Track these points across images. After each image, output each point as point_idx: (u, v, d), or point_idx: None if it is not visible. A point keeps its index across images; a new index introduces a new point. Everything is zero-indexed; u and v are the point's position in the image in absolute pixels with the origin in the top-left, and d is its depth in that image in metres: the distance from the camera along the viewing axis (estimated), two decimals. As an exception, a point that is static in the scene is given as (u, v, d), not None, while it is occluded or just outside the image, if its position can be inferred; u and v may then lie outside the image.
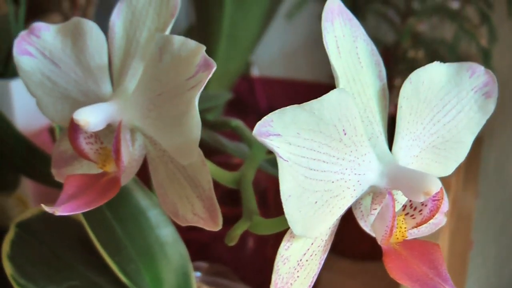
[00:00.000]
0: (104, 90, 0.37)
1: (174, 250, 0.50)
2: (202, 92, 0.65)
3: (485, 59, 0.91)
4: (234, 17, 0.77)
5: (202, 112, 0.66)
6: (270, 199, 0.65)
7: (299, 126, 0.28)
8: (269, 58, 1.09)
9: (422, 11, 0.96)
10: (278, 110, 0.28)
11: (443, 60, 0.33)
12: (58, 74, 0.37)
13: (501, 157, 1.12)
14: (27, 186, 0.76)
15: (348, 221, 0.83)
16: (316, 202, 0.29)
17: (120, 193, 0.49)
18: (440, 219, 0.38)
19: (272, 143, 0.28)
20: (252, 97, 0.93)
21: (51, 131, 0.68)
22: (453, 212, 0.89)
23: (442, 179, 0.84)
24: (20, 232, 0.50)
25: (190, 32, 0.90)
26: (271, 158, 0.44)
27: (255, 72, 0.98)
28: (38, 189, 0.77)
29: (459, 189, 0.95)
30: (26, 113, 0.79)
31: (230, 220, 0.60)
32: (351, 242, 0.87)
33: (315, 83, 0.95)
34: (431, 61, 0.33)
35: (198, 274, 0.60)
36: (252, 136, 0.47)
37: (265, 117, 0.28)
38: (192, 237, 0.63)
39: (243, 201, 0.38)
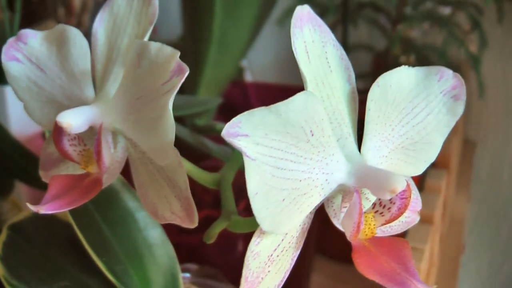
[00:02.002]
0: (87, 95, 0.38)
1: (162, 251, 0.51)
2: (192, 97, 0.67)
3: (475, 65, 0.92)
4: (224, 24, 0.78)
5: (191, 116, 0.67)
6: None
7: (266, 127, 0.29)
8: (262, 64, 1.10)
9: (413, 17, 0.98)
10: (247, 111, 0.29)
11: (434, 65, 0.35)
12: (44, 80, 0.39)
13: (494, 163, 1.12)
14: (21, 191, 0.77)
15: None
16: (283, 199, 0.31)
17: (108, 195, 0.51)
18: (413, 218, 0.39)
19: (240, 143, 0.29)
20: (245, 103, 0.94)
21: (44, 136, 0.70)
22: (445, 217, 0.90)
23: (432, 184, 0.84)
24: (12, 234, 0.51)
25: (185, 39, 0.91)
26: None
27: (248, 77, 1.00)
28: (31, 193, 0.78)
29: (451, 194, 0.96)
30: (21, 119, 0.80)
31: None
32: (341, 245, 0.87)
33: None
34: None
35: (187, 275, 0.61)
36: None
37: (233, 119, 0.29)
38: (182, 241, 0.64)
39: (222, 201, 0.39)
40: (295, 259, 0.35)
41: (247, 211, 0.42)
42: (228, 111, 0.88)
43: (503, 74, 1.07)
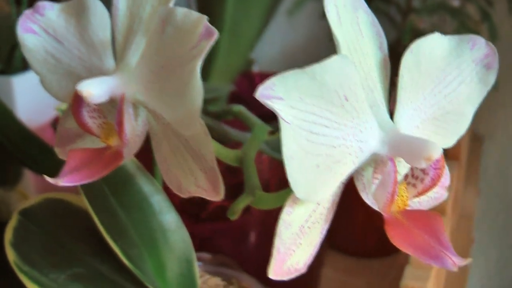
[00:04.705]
0: (107, 66, 0.37)
1: (177, 236, 0.50)
2: (204, 84, 0.66)
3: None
4: (236, 13, 0.77)
5: (204, 103, 0.66)
6: (272, 190, 0.65)
7: (301, 90, 0.29)
8: (270, 56, 1.09)
9: (423, 9, 0.97)
10: (280, 74, 0.28)
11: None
12: (62, 51, 0.38)
13: (502, 158, 1.11)
14: (28, 181, 0.77)
15: (350, 218, 0.83)
16: (318, 166, 0.30)
17: (123, 179, 0.50)
18: (441, 194, 0.38)
19: (274, 106, 0.28)
20: (252, 93, 0.93)
21: (53, 126, 0.69)
22: (454, 210, 0.89)
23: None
24: (23, 220, 0.50)
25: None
26: (271, 140, 0.45)
27: (255, 70, 0.99)
28: (40, 183, 0.77)
29: (460, 187, 0.95)
30: (28, 109, 0.79)
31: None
32: (353, 239, 0.87)
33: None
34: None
35: (200, 264, 0.60)
36: (254, 118, 0.48)
37: (267, 81, 0.28)
38: (194, 231, 0.63)
39: (245, 177, 0.38)
40: (324, 232, 0.34)
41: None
42: (236, 102, 0.88)
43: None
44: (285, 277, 0.32)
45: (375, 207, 0.33)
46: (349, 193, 0.34)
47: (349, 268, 0.85)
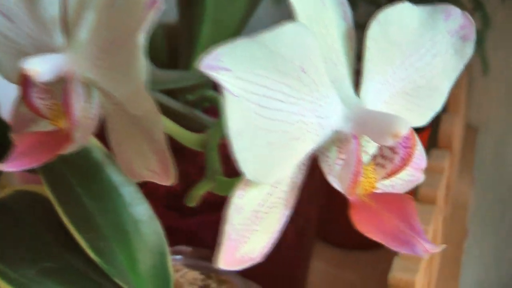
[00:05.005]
0: (58, 44, 0.36)
1: (149, 228, 0.48)
2: (183, 72, 0.64)
3: (479, 43, 0.89)
4: (219, 0, 0.75)
5: (183, 92, 0.64)
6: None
7: (251, 60, 0.26)
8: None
9: (414, -3, 0.95)
10: (229, 44, 0.26)
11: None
12: (13, 30, 0.37)
13: (497, 149, 1.10)
14: (12, 174, 0.75)
15: (339, 209, 0.80)
16: (271, 143, 0.27)
17: (90, 168, 0.48)
18: (417, 177, 0.36)
19: (219, 77, 0.25)
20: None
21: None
22: (448, 199, 0.88)
23: (435, 164, 0.82)
24: (-7, 213, 0.48)
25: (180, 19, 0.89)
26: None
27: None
28: (24, 177, 0.76)
29: (454, 177, 0.93)
30: (10, 104, 0.78)
31: (214, 206, 0.57)
32: (342, 231, 0.84)
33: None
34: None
35: (178, 257, 0.59)
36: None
37: (214, 51, 0.26)
38: (180, 225, 0.61)
39: (206, 162, 0.36)
40: (284, 218, 0.31)
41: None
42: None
43: (506, 57, 1.04)
44: (238, 267, 0.30)
45: (340, 190, 0.31)
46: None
47: (338, 260, 0.83)
